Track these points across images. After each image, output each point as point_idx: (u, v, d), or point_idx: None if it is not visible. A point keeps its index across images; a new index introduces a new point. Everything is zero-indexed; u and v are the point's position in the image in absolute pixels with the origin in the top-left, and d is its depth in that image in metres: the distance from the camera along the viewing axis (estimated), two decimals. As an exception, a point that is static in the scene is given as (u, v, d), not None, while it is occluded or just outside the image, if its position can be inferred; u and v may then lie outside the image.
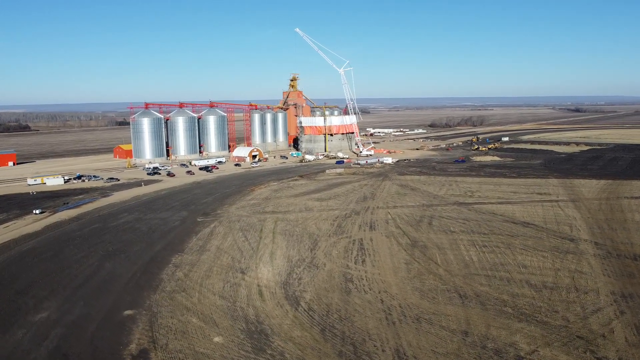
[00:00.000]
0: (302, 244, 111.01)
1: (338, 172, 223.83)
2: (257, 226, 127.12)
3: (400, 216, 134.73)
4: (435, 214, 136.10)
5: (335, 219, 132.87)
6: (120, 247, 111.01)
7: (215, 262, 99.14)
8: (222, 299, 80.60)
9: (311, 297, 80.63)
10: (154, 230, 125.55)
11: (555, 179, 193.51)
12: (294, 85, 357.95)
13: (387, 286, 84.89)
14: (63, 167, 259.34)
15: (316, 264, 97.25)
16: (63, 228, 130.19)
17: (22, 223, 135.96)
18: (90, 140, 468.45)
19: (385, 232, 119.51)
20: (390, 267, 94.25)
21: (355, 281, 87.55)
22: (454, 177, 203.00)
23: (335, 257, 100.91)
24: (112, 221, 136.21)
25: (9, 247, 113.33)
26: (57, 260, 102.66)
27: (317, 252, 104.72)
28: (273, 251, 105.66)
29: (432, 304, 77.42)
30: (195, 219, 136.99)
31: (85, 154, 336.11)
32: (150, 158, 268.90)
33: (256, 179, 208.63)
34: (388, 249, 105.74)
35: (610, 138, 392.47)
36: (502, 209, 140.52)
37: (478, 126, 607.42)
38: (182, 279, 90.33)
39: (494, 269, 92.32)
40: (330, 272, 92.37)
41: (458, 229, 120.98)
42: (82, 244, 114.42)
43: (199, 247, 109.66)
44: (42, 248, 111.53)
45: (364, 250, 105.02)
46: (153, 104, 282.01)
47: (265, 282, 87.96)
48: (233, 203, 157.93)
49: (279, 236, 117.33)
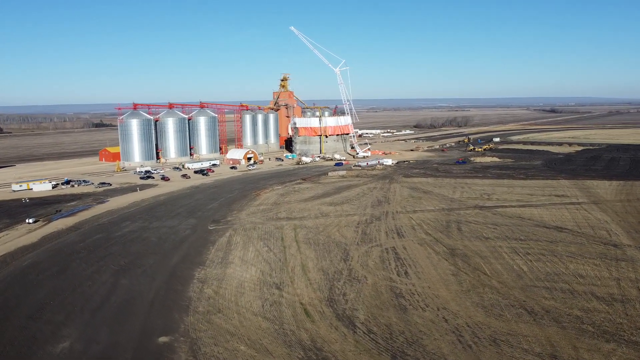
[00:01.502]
0: (331, 253, 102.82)
1: (341, 174, 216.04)
2: (276, 234, 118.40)
3: (424, 221, 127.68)
4: (461, 219, 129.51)
5: (357, 225, 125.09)
6: (132, 261, 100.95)
7: (244, 277, 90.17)
8: (267, 321, 71.83)
9: (366, 317, 72.51)
10: (165, 240, 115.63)
11: (565, 180, 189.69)
12: (285, 85, 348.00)
13: (444, 302, 77.37)
14: (47, 171, 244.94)
15: (355, 276, 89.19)
16: (62, 239, 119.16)
17: (16, 234, 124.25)
18: (69, 143, 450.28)
19: (416, 239, 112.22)
20: (438, 280, 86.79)
21: (407, 296, 79.79)
22: (461, 179, 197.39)
23: (374, 269, 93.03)
24: (115, 230, 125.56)
25: (5, 262, 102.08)
26: (65, 277, 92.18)
27: (351, 263, 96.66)
28: (304, 263, 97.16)
29: (502, 322, 70.13)
30: (206, 227, 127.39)
31: (67, 157, 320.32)
32: (139, 161, 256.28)
33: (257, 183, 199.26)
34: (427, 259, 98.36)
35: (599, 138, 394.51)
36: (527, 213, 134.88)
37: (463, 127, 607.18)
38: (213, 296, 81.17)
39: (550, 279, 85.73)
40: (374, 286, 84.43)
41: (491, 234, 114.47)
42: (89, 257, 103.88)
43: (220, 259, 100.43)
44: (44, 263, 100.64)
45: (402, 261, 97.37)
46: (142, 105, 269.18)
47: (307, 299, 79.46)
48: (241, 209, 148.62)
49: (303, 245, 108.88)
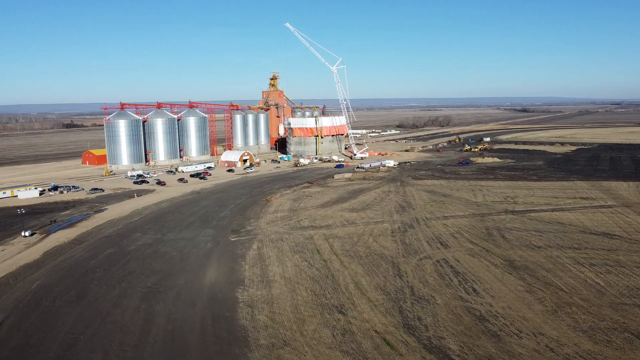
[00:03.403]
0: (380, 268, 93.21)
1: (346, 177, 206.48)
2: (309, 246, 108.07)
3: (462, 229, 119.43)
4: (499, 225, 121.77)
5: (391, 234, 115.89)
6: (159, 281, 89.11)
7: (296, 299, 79.66)
8: (347, 356, 61.66)
9: (458, 347, 63.10)
10: (188, 255, 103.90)
11: (580, 181, 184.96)
12: (275, 84, 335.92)
13: (536, 326, 68.64)
14: (27, 176, 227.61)
15: (420, 295, 79.83)
16: (68, 255, 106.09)
17: (13, 249, 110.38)
18: (42, 145, 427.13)
19: (464, 249, 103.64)
20: (513, 298, 78.14)
21: (491, 320, 70.77)
22: (473, 181, 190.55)
23: (436, 286, 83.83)
24: (126, 244, 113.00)
25: (9, 286, 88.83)
26: (88, 303, 79.84)
27: (408, 279, 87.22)
28: (355, 280, 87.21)
29: (615, 350, 61.77)
30: (227, 239, 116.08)
31: (44, 160, 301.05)
32: (127, 164, 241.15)
33: (262, 187, 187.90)
34: (488, 272, 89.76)
35: (586, 138, 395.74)
36: (564, 218, 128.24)
37: (445, 126, 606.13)
38: (270, 325, 70.48)
39: (636, 295, 78.19)
40: (447, 307, 75.19)
41: (541, 243, 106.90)
42: (107, 277, 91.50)
43: (259, 277, 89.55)
44: (57, 286, 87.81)
45: (462, 275, 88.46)
46: (129, 105, 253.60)
47: (380, 326, 69.57)
48: (258, 216, 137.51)
49: (345, 258, 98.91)
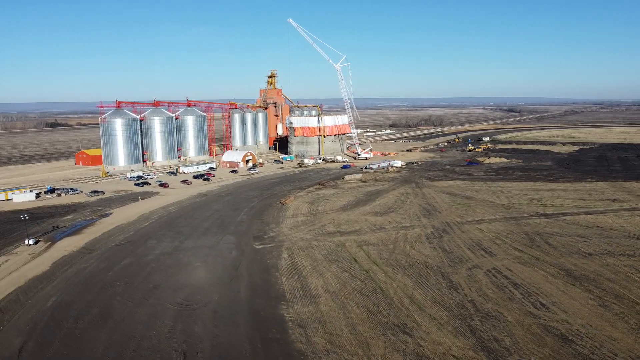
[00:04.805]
0: (429, 279, 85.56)
1: (357, 178, 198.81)
2: (343, 255, 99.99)
3: (500, 234, 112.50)
4: (538, 230, 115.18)
5: (427, 240, 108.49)
6: (189, 296, 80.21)
7: (349, 316, 71.51)
8: (433, 388, 53.76)
9: (555, 376, 55.67)
10: (214, 266, 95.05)
11: (599, 182, 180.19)
12: (273, 82, 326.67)
13: (629, 348, 61.38)
14: (19, 177, 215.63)
15: (486, 311, 72.26)
16: (80, 265, 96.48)
17: (18, 260, 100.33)
18: (28, 145, 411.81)
19: (511, 257, 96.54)
20: (590, 314, 70.91)
21: (576, 340, 63.31)
22: (490, 182, 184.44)
23: (499, 300, 76.39)
24: (143, 253, 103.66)
25: (22, 303, 79.15)
26: (114, 324, 70.63)
27: (465, 292, 79.65)
28: (407, 293, 79.35)
29: None
30: (251, 246, 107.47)
31: (33, 160, 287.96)
32: (124, 165, 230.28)
33: (271, 189, 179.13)
34: (549, 283, 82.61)
35: (583, 137, 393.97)
36: (602, 222, 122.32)
37: (438, 126, 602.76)
38: (331, 349, 62.20)
39: None
40: (521, 325, 67.65)
41: (590, 249, 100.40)
42: (129, 292, 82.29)
43: (300, 291, 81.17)
44: (76, 303, 78.33)
45: (522, 287, 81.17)
46: (126, 103, 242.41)
47: (455, 349, 61.75)
48: (277, 221, 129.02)
49: (387, 268, 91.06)
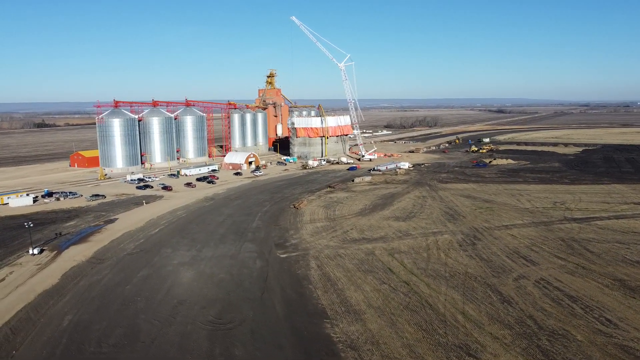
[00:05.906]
0: (476, 291, 79.39)
1: (367, 180, 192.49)
2: (376, 264, 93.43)
3: (535, 241, 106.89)
4: (573, 236, 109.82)
5: (460, 247, 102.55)
6: (220, 313, 73.02)
7: (403, 336, 64.91)
8: None
9: (656, 407, 49.63)
10: (240, 278, 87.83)
11: (617, 184, 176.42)
12: (272, 82, 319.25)
13: None
14: (11, 180, 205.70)
15: (550, 328, 66.15)
16: (93, 278, 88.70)
17: (24, 272, 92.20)
18: (17, 146, 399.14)
19: (557, 266, 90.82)
20: (664, 331, 65.28)
21: (662, 363, 57.62)
22: (505, 184, 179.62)
23: (560, 315, 70.42)
24: (159, 263, 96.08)
25: (33, 322, 71.29)
26: (144, 348, 63.28)
27: (520, 306, 73.52)
28: (460, 309, 72.99)
29: None
30: (275, 255, 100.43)
31: (25, 162, 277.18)
32: (122, 167, 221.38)
33: (281, 192, 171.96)
34: (607, 296, 76.94)
35: (583, 138, 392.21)
36: (636, 226, 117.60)
37: (433, 127, 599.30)
38: (393, 376, 55.61)
39: None
40: (595, 345, 61.68)
41: (635, 257, 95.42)
42: (153, 309, 74.81)
43: (342, 307, 74.34)
44: (96, 323, 70.65)
45: (580, 300, 75.32)
46: (124, 102, 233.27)
47: (533, 374, 55.54)
48: (295, 227, 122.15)
49: (428, 280, 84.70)
